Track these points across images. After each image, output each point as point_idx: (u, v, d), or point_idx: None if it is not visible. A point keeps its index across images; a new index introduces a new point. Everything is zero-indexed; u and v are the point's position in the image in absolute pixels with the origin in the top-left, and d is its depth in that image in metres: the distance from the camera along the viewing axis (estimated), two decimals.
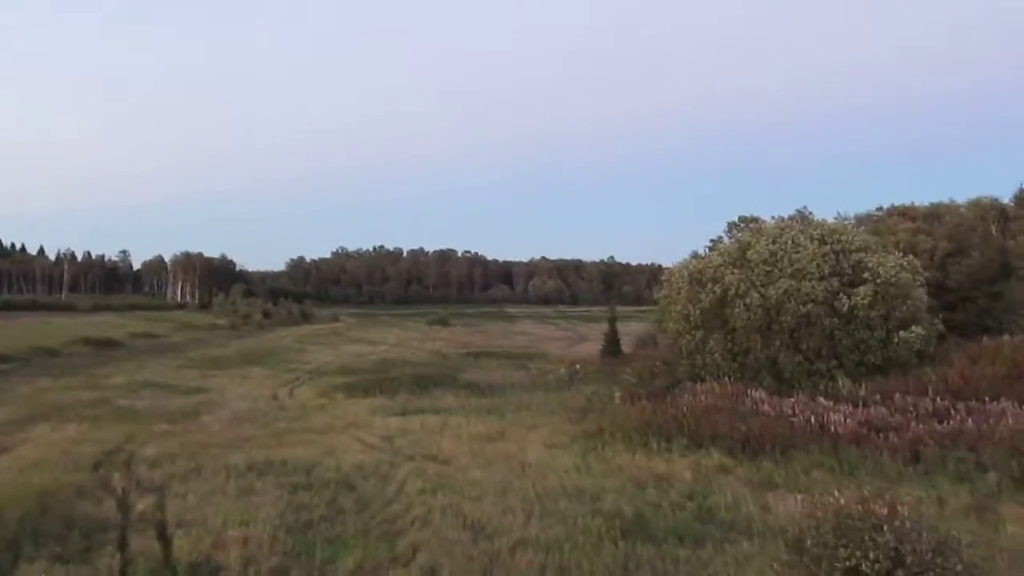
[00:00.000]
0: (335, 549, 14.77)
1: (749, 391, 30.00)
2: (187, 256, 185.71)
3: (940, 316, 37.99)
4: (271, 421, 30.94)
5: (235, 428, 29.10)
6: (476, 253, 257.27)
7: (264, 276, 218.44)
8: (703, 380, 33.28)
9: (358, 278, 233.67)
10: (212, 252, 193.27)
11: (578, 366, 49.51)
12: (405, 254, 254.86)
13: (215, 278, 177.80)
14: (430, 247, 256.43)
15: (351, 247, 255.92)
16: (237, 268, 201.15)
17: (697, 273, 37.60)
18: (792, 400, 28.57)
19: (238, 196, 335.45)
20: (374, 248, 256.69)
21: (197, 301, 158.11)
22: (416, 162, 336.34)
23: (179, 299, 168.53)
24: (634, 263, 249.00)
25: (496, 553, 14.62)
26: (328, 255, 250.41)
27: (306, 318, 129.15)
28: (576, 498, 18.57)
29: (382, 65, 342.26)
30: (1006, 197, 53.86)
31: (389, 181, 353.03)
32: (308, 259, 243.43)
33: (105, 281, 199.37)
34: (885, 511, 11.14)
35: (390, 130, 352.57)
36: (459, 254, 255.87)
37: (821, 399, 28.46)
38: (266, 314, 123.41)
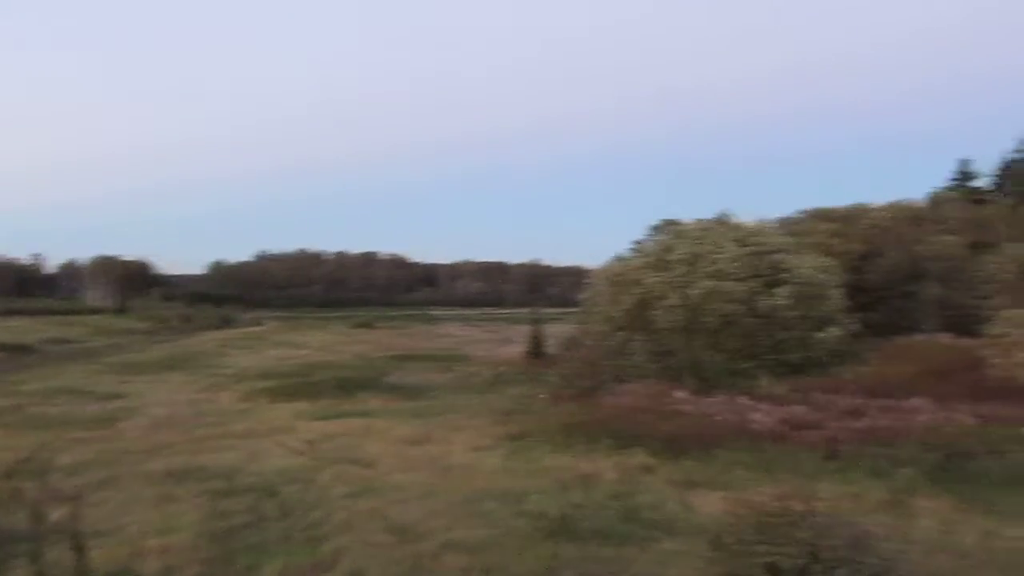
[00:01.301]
0: (257, 556, 14.54)
1: (672, 391, 30.40)
2: (104, 259, 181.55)
3: (856, 316, 38.89)
4: (191, 427, 30.35)
5: (154, 434, 28.50)
6: (400, 255, 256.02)
7: (184, 279, 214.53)
8: (627, 381, 33.62)
9: (281, 281, 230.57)
10: (130, 255, 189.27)
11: (503, 368, 49.57)
12: (328, 257, 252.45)
13: (133, 281, 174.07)
14: (354, 249, 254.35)
15: (273, 250, 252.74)
16: (156, 271, 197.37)
17: (619, 275, 38.02)
18: (714, 399, 29.01)
19: (156, 197, 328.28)
20: (297, 251, 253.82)
21: (115, 305, 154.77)
22: (339, 162, 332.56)
23: (96, 303, 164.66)
24: (559, 265, 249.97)
25: (421, 556, 14.53)
26: (250, 258, 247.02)
27: (227, 322, 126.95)
28: (502, 499, 18.56)
29: (305, 60, 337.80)
30: (918, 200, 55.59)
31: (311, 182, 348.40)
32: (229, 262, 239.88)
33: (17, 284, 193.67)
34: (803, 507, 11.35)
35: (313, 129, 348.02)
36: (383, 256, 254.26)
37: (742, 398, 28.95)
38: (186, 318, 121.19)
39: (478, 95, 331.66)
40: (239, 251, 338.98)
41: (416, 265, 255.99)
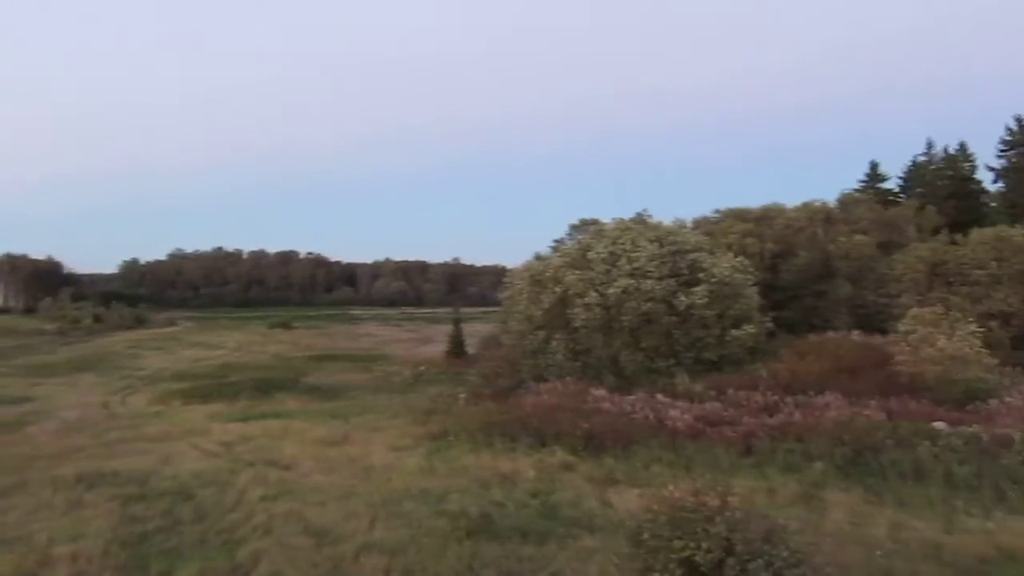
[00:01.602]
0: (171, 561, 14.29)
1: (591, 389, 30.60)
2: (10, 258, 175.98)
3: (770, 314, 39.61)
4: (102, 430, 29.69)
5: (63, 439, 27.83)
6: (319, 254, 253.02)
7: (95, 279, 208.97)
8: (546, 380, 33.77)
9: (196, 281, 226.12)
10: (38, 253, 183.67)
11: (423, 368, 49.46)
12: (245, 255, 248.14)
13: (42, 281, 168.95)
14: (271, 248, 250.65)
15: (188, 248, 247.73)
16: (66, 271, 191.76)
17: (538, 274, 38.18)
18: (632, 397, 29.30)
19: (64, 193, 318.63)
20: (213, 249, 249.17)
21: (22, 305, 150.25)
22: (255, 159, 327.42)
23: (2, 303, 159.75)
24: (479, 264, 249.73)
25: (340, 558, 14.46)
26: (164, 257, 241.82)
27: (140, 322, 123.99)
28: (422, 500, 18.54)
29: (215, 52, 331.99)
30: (831, 201, 56.94)
31: (226, 179, 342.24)
32: (142, 261, 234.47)
33: None
34: (717, 502, 11.54)
35: (226, 122, 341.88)
36: (302, 255, 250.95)
37: (660, 396, 29.27)
38: (97, 318, 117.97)
39: (399, 90, 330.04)
40: (153, 250, 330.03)
41: (335, 264, 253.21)
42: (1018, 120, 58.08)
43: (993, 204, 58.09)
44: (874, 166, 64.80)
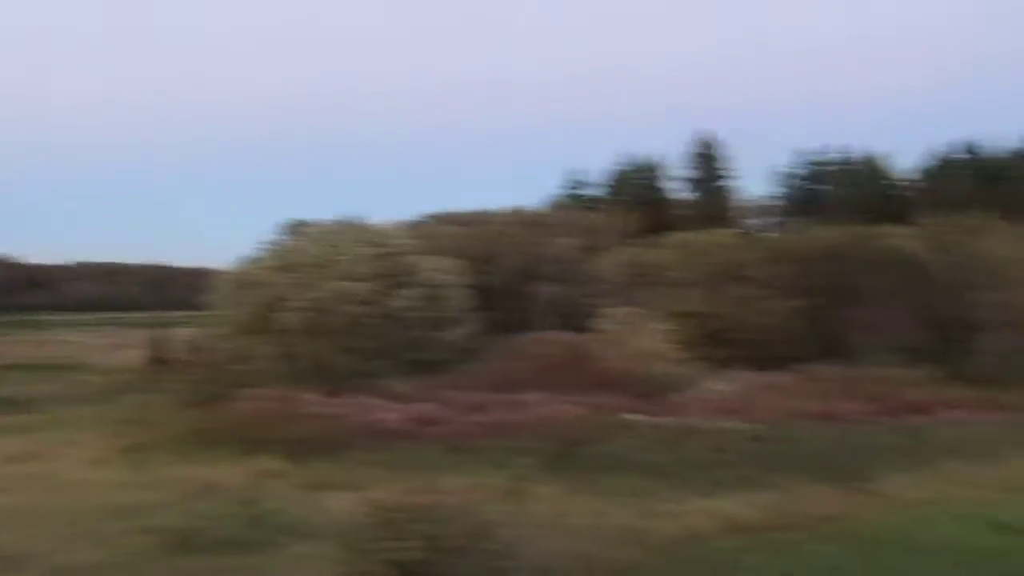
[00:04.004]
0: None
1: (301, 394, 30.01)
2: None
3: (480, 315, 40.46)
4: None
5: None
6: (7, 255, 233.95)
7: None
8: (254, 385, 32.79)
9: None
10: None
11: (123, 375, 46.75)
12: None
13: None
14: None
15: None
16: None
17: (245, 276, 37.15)
18: (343, 400, 29.03)
19: None
20: None
21: None
22: None
23: None
24: (183, 266, 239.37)
25: None
26: None
27: None
28: (120, 516, 17.36)
29: None
30: (538, 206, 59.27)
31: None
32: None
33: None
34: (426, 502, 11.59)
35: None
36: None
37: (372, 398, 29.19)
38: None
39: (82, 77, 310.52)
40: None
41: (25, 266, 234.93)
42: (703, 133, 63.18)
43: (683, 211, 62.82)
44: (579, 174, 68.02)
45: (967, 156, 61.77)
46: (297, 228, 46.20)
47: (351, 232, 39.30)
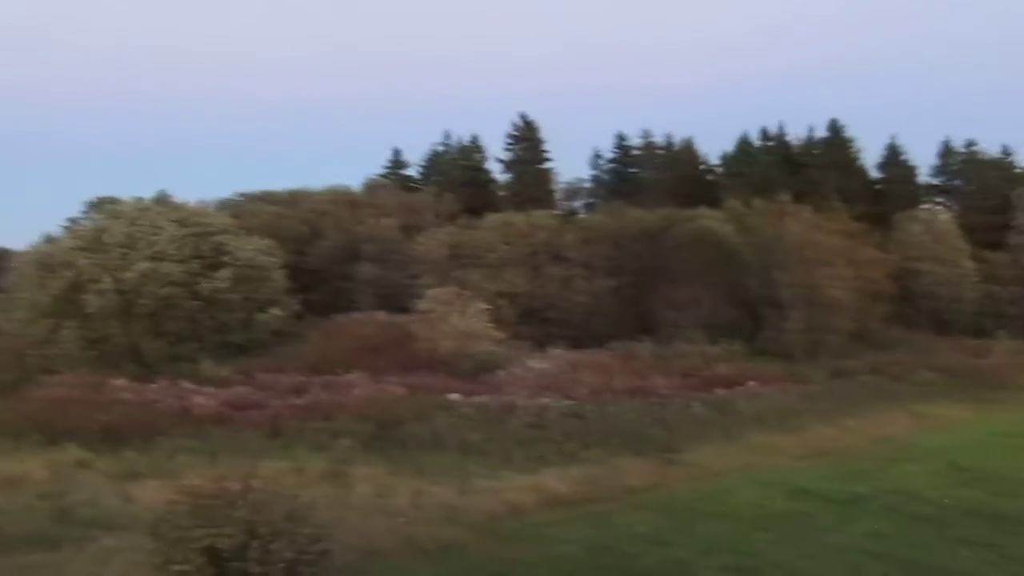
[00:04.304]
0: None
1: (109, 380, 28.79)
2: None
3: (299, 296, 39.84)
4: None
5: None
6: None
7: None
8: (58, 372, 31.23)
9: None
10: None
11: None
12: None
13: None
14: None
15: None
16: None
17: (47, 258, 35.31)
18: (155, 386, 28.04)
19: None
20: None
21: None
22: None
23: None
24: None
25: None
26: None
27: None
28: None
29: None
30: (356, 186, 58.66)
31: None
32: None
33: None
34: (241, 487, 11.37)
35: None
36: None
37: (185, 383, 28.35)
38: None
39: None
40: None
41: None
42: (522, 117, 63.85)
43: (502, 193, 63.39)
44: (397, 154, 67.56)
45: (768, 143, 64.61)
46: (104, 206, 44.14)
47: (161, 211, 37.91)
